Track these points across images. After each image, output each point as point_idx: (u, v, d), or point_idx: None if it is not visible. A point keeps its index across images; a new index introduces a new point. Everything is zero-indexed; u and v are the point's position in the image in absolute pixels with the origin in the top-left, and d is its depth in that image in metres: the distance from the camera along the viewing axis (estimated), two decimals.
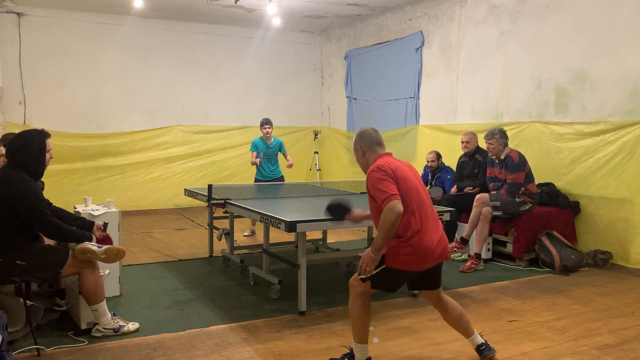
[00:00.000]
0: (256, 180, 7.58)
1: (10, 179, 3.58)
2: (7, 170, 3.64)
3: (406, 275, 3.21)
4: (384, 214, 2.96)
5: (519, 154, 5.96)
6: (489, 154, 6.09)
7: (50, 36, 9.04)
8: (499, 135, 5.91)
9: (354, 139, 3.43)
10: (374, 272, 3.10)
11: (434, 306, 3.50)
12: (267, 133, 7.51)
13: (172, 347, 3.68)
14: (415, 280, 3.34)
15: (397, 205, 2.95)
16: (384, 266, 3.10)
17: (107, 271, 4.34)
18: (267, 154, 7.55)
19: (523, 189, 5.94)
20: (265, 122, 7.54)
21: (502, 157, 5.96)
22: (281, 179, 7.60)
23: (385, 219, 2.96)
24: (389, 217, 2.94)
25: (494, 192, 6.02)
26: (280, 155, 7.74)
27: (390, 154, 3.34)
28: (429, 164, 7.35)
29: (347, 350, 3.39)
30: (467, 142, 6.59)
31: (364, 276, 3.12)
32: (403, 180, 3.13)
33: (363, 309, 3.25)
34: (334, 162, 11.05)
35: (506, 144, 5.96)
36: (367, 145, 3.35)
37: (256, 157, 7.46)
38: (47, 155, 3.78)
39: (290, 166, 7.61)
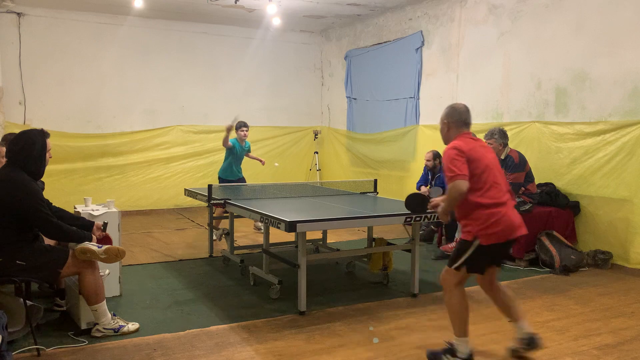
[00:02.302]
0: (222, 179, 7.50)
1: (11, 180, 3.58)
2: (7, 171, 3.64)
3: (494, 251, 3.32)
4: (449, 189, 3.23)
5: (519, 154, 5.96)
6: None
7: (50, 36, 9.04)
8: (498, 135, 5.91)
9: (444, 111, 3.56)
10: (466, 255, 3.28)
11: (487, 288, 3.59)
12: (244, 136, 7.60)
13: (172, 347, 3.68)
14: (496, 257, 3.45)
15: (462, 184, 3.17)
16: (477, 245, 3.25)
17: (107, 271, 4.34)
18: (239, 155, 7.59)
19: (523, 188, 5.94)
20: (243, 125, 7.61)
21: (502, 157, 5.96)
22: (242, 180, 7.62)
23: (450, 193, 3.23)
24: (452, 194, 3.21)
25: None
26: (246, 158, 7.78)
27: (469, 134, 3.49)
28: (426, 164, 7.34)
29: (446, 346, 3.45)
30: None
31: (457, 264, 3.31)
32: (478, 161, 3.29)
33: (463, 299, 3.38)
34: (334, 162, 11.05)
35: (506, 144, 5.96)
36: (454, 122, 3.51)
37: (229, 147, 7.44)
38: (47, 155, 3.79)
39: (263, 163, 7.88)
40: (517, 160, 5.86)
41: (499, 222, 3.23)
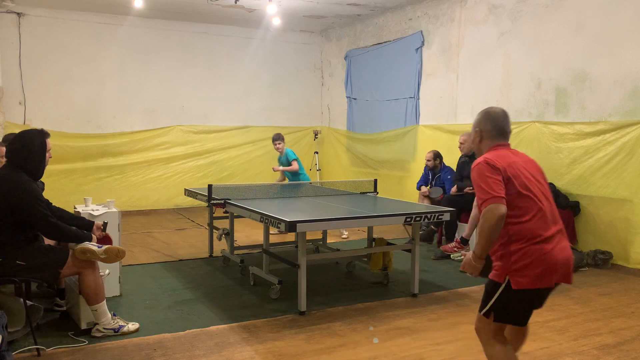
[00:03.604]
0: None
1: (10, 180, 3.58)
2: (7, 171, 3.64)
3: (530, 298, 2.66)
4: (482, 216, 2.55)
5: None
6: None
7: (50, 36, 9.04)
8: None
9: (477, 117, 2.93)
10: (494, 299, 2.64)
11: (513, 337, 2.93)
12: (277, 149, 7.84)
13: (172, 347, 3.68)
14: (534, 304, 2.76)
15: (499, 208, 2.50)
16: (508, 288, 2.59)
17: (107, 271, 4.34)
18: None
19: None
20: (275, 138, 7.85)
21: None
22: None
23: (483, 222, 2.54)
24: (488, 221, 2.52)
25: None
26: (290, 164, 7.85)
27: (507, 146, 2.83)
28: (427, 164, 7.35)
29: None
30: (461, 143, 6.61)
31: (484, 309, 2.67)
32: (517, 178, 2.63)
33: (505, 351, 2.69)
34: (334, 162, 11.05)
35: None
36: (489, 131, 2.85)
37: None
38: (47, 155, 3.79)
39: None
40: None
41: (538, 262, 2.53)
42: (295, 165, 7.67)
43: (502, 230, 2.57)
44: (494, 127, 2.84)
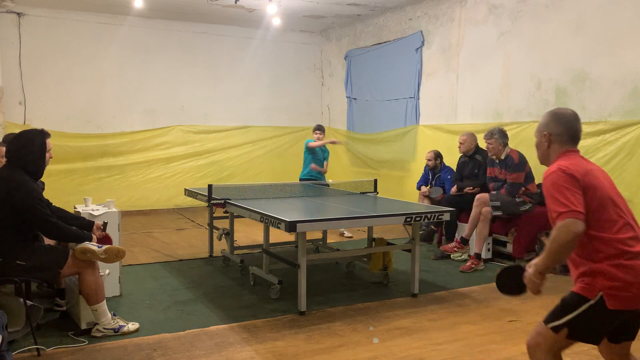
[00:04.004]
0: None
1: (10, 179, 3.58)
2: (7, 171, 3.64)
3: (617, 318, 2.37)
4: (556, 230, 2.28)
5: (519, 154, 5.96)
6: (489, 154, 6.09)
7: (50, 36, 9.04)
8: (498, 135, 5.92)
9: (544, 120, 2.62)
10: (574, 314, 2.37)
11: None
12: (318, 138, 7.77)
13: (172, 347, 3.68)
14: (619, 327, 2.46)
15: (577, 225, 2.24)
16: (599, 305, 2.31)
17: (107, 271, 4.34)
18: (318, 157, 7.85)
19: (523, 188, 5.94)
20: (316, 128, 7.87)
21: (502, 157, 5.96)
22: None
23: (555, 237, 2.28)
24: (561, 238, 2.26)
25: (494, 192, 6.02)
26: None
27: (578, 152, 2.54)
28: (427, 164, 7.35)
29: None
30: (461, 143, 6.60)
31: (556, 323, 2.41)
32: (598, 189, 2.37)
33: None
34: (334, 162, 11.02)
35: (506, 144, 5.97)
36: (559, 135, 2.54)
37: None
38: (47, 155, 3.78)
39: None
40: (517, 160, 5.86)
41: (635, 280, 2.28)
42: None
43: (587, 244, 2.34)
44: (565, 130, 2.54)
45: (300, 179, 7.70)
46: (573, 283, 2.48)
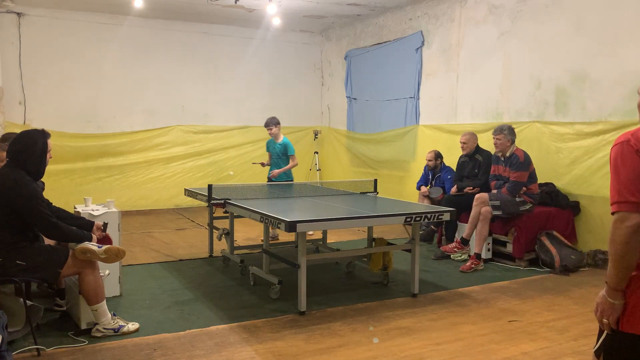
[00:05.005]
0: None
1: (11, 179, 3.58)
2: (7, 171, 3.64)
3: None
4: (610, 231, 1.88)
5: (525, 153, 5.97)
6: (496, 150, 6.10)
7: (50, 36, 9.04)
8: (507, 131, 5.95)
9: None
10: (602, 337, 2.10)
11: None
12: (272, 134, 7.28)
13: (172, 347, 3.68)
14: None
15: (629, 218, 1.82)
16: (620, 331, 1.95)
17: (107, 271, 4.34)
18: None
19: (525, 188, 5.94)
20: (269, 122, 7.25)
21: (508, 155, 5.97)
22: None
23: (611, 239, 1.88)
24: (615, 236, 1.85)
25: (495, 191, 6.02)
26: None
27: None
28: (427, 164, 7.35)
29: None
30: (464, 142, 6.59)
31: (597, 346, 2.12)
32: None
33: None
34: (334, 162, 11.05)
35: (513, 141, 6.01)
36: None
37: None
38: (47, 155, 3.78)
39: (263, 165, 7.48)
40: (522, 159, 5.87)
41: None
42: (296, 161, 7.21)
43: None
44: None
45: (276, 180, 7.16)
46: None
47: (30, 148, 3.65)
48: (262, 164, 7.58)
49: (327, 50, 11.24)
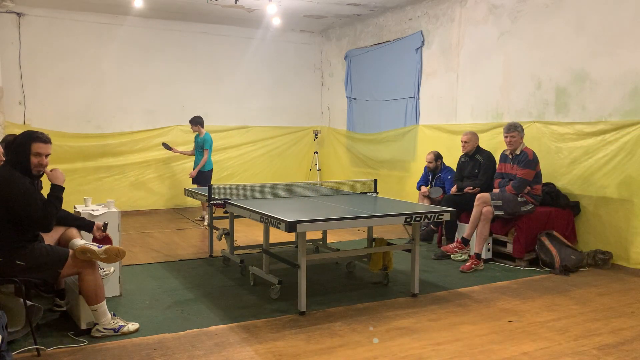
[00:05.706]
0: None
1: (2, 176, 3.56)
2: (3, 171, 3.64)
3: None
4: None
5: (534, 152, 5.98)
6: (507, 147, 6.09)
7: (50, 36, 9.04)
8: (520, 128, 5.99)
9: None
10: None
11: None
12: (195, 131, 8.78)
13: (172, 347, 3.68)
14: None
15: None
16: None
17: (112, 269, 4.35)
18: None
19: (529, 188, 5.93)
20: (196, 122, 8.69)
21: (517, 153, 5.98)
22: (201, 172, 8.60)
23: None
24: None
25: (497, 191, 6.02)
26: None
27: None
28: (427, 165, 7.35)
29: None
30: (465, 142, 6.59)
31: None
32: None
33: None
34: (334, 162, 11.05)
35: (522, 139, 6.03)
36: None
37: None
38: (36, 159, 3.67)
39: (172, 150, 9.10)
40: (531, 157, 5.88)
41: None
42: (206, 155, 8.55)
43: None
44: None
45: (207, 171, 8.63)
46: None
47: (14, 148, 3.69)
48: (169, 148, 8.97)
49: (327, 50, 11.24)
